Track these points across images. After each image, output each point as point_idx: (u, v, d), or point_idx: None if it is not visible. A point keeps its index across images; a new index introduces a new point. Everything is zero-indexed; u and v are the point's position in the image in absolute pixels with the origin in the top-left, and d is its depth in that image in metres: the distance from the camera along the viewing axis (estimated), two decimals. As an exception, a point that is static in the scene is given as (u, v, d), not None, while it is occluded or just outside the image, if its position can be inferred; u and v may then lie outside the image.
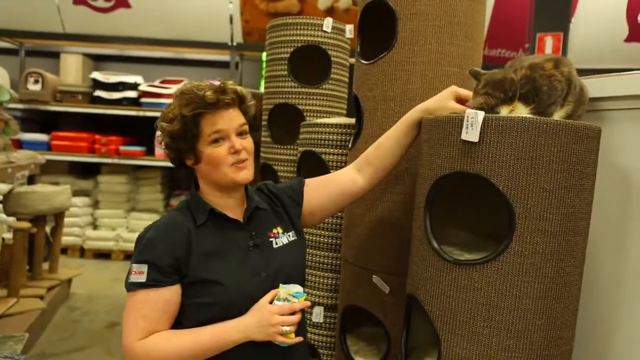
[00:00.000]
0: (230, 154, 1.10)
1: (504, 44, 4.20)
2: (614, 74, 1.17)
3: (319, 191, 1.29)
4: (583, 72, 1.13)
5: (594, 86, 1.16)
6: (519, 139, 0.97)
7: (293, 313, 1.09)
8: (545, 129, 0.97)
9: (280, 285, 1.13)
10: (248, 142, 1.14)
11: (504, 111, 1.02)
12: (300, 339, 1.09)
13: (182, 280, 1.08)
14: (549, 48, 2.97)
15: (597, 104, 1.20)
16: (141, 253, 1.07)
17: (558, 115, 1.07)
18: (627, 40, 4.23)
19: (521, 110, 1.03)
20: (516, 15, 4.00)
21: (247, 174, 1.13)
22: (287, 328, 1.06)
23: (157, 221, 1.13)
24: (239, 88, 1.14)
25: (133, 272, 1.05)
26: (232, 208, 1.17)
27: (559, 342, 1.04)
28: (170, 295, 1.06)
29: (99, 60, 5.13)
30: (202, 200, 1.16)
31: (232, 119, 1.11)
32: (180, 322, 1.10)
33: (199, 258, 1.09)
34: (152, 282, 1.05)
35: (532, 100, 1.01)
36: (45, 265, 3.52)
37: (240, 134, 1.13)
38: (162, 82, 4.68)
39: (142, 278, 1.04)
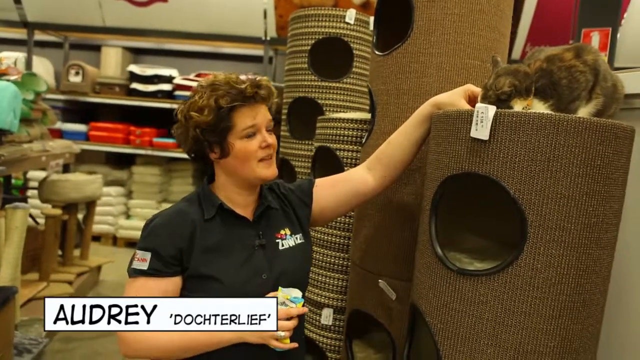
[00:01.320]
0: (261, 148, 1.10)
1: (547, 40, 3.95)
2: (654, 67, 1.03)
3: (329, 191, 1.26)
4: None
5: (630, 81, 1.03)
6: (535, 137, 0.87)
7: (290, 318, 1.05)
8: (564, 127, 0.85)
9: (280, 288, 1.10)
10: (274, 139, 1.14)
11: (518, 107, 0.91)
12: (295, 344, 1.06)
13: (184, 272, 1.08)
14: (595, 45, 2.75)
15: (633, 101, 1.07)
16: (145, 240, 1.07)
17: (584, 111, 0.95)
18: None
19: (538, 107, 0.92)
20: (561, 10, 3.75)
21: (274, 170, 1.14)
22: (282, 333, 1.03)
23: (165, 210, 1.13)
24: (270, 84, 1.15)
25: (136, 259, 1.06)
26: (245, 205, 1.16)
27: (574, 368, 0.92)
28: (168, 286, 1.06)
29: (137, 54, 5.25)
30: (213, 194, 1.15)
31: (265, 113, 1.12)
32: None
33: (201, 252, 1.08)
34: (153, 271, 1.04)
35: (550, 95, 0.89)
36: (77, 252, 3.63)
37: (268, 129, 1.13)
38: (196, 75, 4.72)
39: (144, 265, 1.04)
